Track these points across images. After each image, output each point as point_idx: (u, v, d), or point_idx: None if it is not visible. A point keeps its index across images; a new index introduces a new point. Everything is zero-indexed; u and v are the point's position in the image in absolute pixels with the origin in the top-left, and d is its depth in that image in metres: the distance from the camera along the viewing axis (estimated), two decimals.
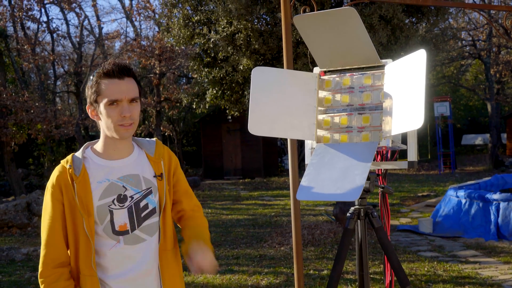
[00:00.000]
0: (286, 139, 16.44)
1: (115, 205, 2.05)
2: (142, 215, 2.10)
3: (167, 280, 2.14)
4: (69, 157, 2.09)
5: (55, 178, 2.05)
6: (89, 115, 2.10)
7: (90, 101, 2.05)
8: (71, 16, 45.36)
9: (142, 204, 2.10)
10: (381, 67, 2.49)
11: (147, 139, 2.26)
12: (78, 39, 24.51)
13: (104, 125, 2.04)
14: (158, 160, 2.16)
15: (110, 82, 1.98)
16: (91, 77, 2.03)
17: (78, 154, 2.10)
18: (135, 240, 2.09)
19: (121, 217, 2.06)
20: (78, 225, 2.04)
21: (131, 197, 2.08)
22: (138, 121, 2.10)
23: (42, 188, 16.97)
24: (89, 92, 2.04)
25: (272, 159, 22.90)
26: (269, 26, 10.53)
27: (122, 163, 2.11)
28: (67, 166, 2.05)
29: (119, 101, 1.98)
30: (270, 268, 6.97)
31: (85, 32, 26.87)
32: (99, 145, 2.13)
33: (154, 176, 2.13)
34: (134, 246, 2.08)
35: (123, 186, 2.08)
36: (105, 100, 1.98)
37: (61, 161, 2.10)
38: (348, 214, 2.62)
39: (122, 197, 2.07)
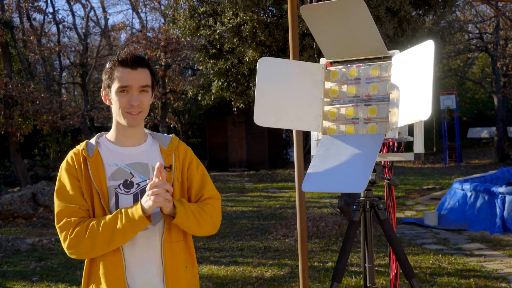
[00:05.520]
0: (291, 131, 16.42)
1: (121, 190, 2.11)
2: None
3: (169, 272, 2.11)
4: (83, 142, 2.19)
5: (69, 158, 2.13)
6: (103, 99, 2.21)
7: (104, 86, 2.17)
8: (77, 7, 45.39)
9: None
10: (388, 58, 2.47)
11: (165, 134, 2.33)
12: (84, 31, 24.47)
13: (114, 110, 2.15)
14: (170, 153, 2.21)
15: (124, 70, 2.09)
16: (108, 64, 2.16)
17: (92, 140, 2.20)
18: None
19: (126, 203, 2.10)
20: (95, 202, 2.09)
21: (138, 184, 2.12)
22: (148, 110, 2.18)
23: (48, 179, 17.03)
24: (104, 77, 2.16)
25: (277, 152, 22.88)
26: (275, 18, 10.49)
27: (132, 151, 2.18)
28: (81, 148, 2.14)
29: (129, 88, 2.09)
30: (275, 260, 6.97)
31: (91, 24, 26.90)
32: (111, 132, 2.22)
33: (164, 167, 2.15)
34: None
35: (131, 173, 2.13)
36: (116, 86, 2.10)
37: (76, 147, 2.19)
38: (354, 206, 2.61)
39: (128, 183, 2.12)
